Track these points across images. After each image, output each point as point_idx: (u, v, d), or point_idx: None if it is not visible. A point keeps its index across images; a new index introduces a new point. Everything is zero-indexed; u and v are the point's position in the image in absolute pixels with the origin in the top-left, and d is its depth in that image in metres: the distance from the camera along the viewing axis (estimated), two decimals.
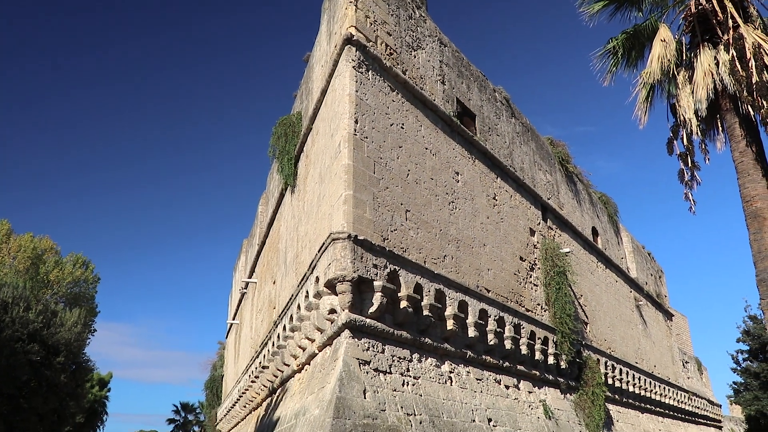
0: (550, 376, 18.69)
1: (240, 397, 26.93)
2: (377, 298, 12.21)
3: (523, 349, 16.99)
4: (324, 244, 12.50)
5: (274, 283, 21.16)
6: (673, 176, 20.27)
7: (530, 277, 19.02)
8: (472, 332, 14.84)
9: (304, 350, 15.21)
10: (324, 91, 15.32)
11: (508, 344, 16.25)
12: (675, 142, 15.12)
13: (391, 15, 15.35)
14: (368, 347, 12.16)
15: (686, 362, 39.77)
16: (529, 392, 17.31)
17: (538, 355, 17.83)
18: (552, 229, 21.66)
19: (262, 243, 25.52)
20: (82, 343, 21.79)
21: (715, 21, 14.00)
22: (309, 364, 14.85)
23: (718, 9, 13.73)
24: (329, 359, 12.41)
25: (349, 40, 13.68)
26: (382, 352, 12.45)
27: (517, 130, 21.02)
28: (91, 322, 38.39)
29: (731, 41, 13.19)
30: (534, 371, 17.83)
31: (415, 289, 13.19)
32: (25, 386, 18.43)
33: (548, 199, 21.91)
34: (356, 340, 11.99)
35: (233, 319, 36.06)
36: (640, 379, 27.11)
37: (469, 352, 15.03)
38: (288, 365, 16.94)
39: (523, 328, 17.13)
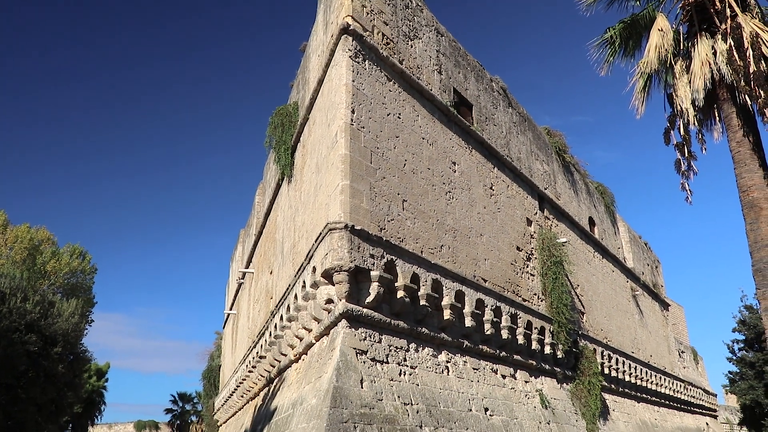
0: (547, 366, 18.76)
1: (237, 387, 27.00)
2: (374, 288, 12.22)
3: (520, 339, 17.04)
4: (321, 234, 12.49)
5: (271, 273, 21.16)
6: (670, 166, 20.30)
7: (527, 267, 19.05)
8: (468, 322, 14.87)
9: (301, 340, 15.24)
10: (320, 81, 15.26)
11: (505, 334, 16.30)
12: (672, 132, 15.13)
13: (388, 4, 15.26)
14: (365, 337, 12.18)
15: (682, 352, 40.00)
16: (526, 382, 17.38)
17: (535, 345, 17.89)
18: (549, 219, 21.68)
19: (259, 233, 25.50)
20: (80, 334, 21.78)
21: (712, 10, 13.97)
22: (306, 354, 14.88)
23: None
24: (326, 349, 12.44)
25: (345, 30, 13.61)
26: (379, 342, 12.48)
27: (514, 120, 20.98)
28: (88, 313, 38.40)
29: (729, 30, 13.16)
30: (531, 361, 17.90)
31: (412, 278, 13.20)
32: (23, 376, 18.43)
33: (545, 189, 21.91)
34: (353, 329, 12.01)
35: (230, 309, 36.08)
36: (636, 368, 27.24)
37: (466, 342, 15.08)
38: (285, 355, 16.98)
39: (520, 318, 17.18)
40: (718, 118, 14.93)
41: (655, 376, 30.24)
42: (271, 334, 18.43)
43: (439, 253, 14.62)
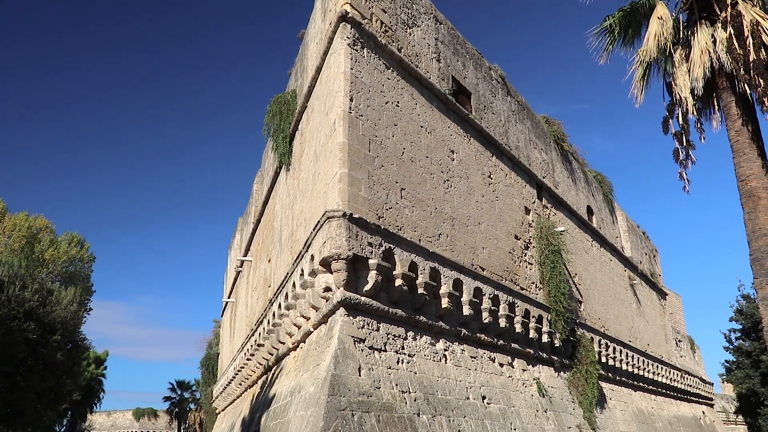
0: (544, 355, 18.84)
1: (236, 375, 27.09)
2: (372, 276, 12.23)
3: (518, 328, 17.09)
4: (319, 222, 12.48)
5: (269, 262, 21.17)
6: (669, 155, 20.29)
7: (525, 255, 19.07)
8: (466, 310, 14.91)
9: (299, 328, 15.28)
10: (319, 69, 15.19)
11: (503, 322, 16.34)
12: (670, 120, 15.11)
13: None
14: (363, 325, 12.21)
15: (679, 341, 40.14)
16: (523, 370, 17.45)
17: (533, 334, 17.94)
18: (547, 208, 21.68)
19: (257, 221, 25.49)
20: (78, 322, 21.86)
21: None
22: (304, 342, 14.92)
23: None
24: (324, 337, 12.47)
25: (343, 18, 13.53)
26: (377, 330, 12.51)
27: (513, 109, 20.92)
28: (86, 301, 38.49)
29: (729, 19, 13.10)
30: (528, 349, 17.96)
31: (410, 267, 13.21)
32: (22, 364, 18.50)
33: (543, 178, 21.89)
34: (351, 318, 12.03)
35: (229, 298, 36.12)
36: (633, 357, 27.37)
37: (464, 330, 15.12)
38: (283, 343, 17.02)
39: (518, 307, 17.22)
40: (717, 107, 14.90)
41: (652, 365, 30.38)
42: (269, 323, 18.47)
43: (437, 242, 14.62)
